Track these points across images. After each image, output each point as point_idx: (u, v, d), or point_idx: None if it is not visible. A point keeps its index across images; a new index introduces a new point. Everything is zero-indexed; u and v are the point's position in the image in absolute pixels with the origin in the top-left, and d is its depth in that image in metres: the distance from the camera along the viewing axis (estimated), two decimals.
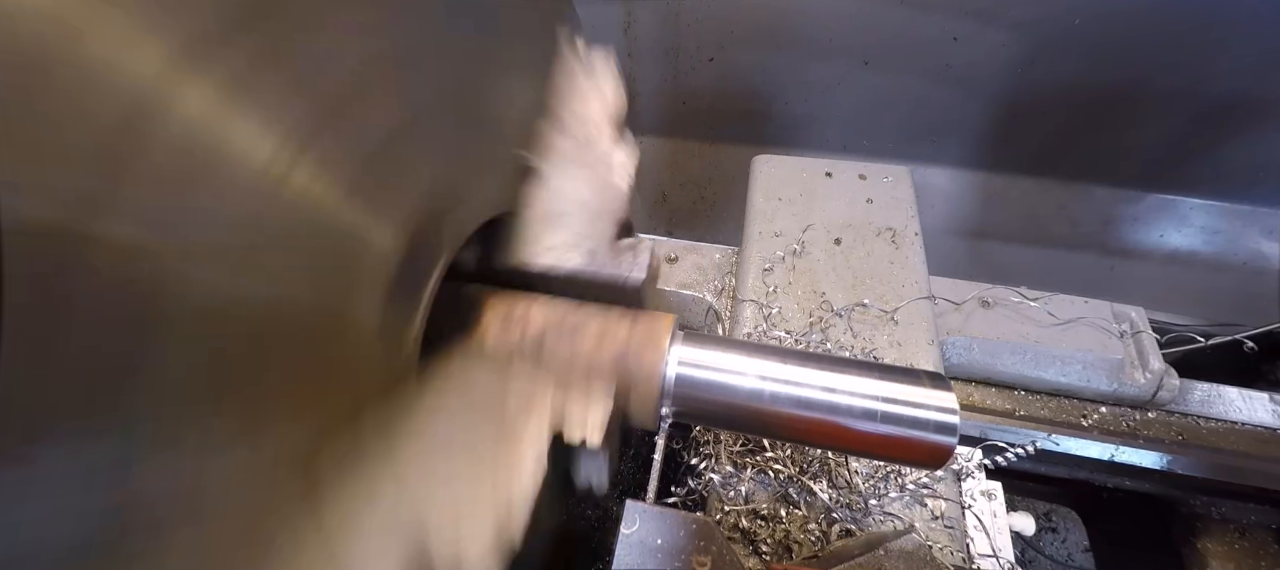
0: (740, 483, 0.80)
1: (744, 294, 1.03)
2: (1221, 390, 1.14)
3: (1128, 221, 1.97)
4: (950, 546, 0.76)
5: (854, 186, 1.20)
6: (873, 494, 0.79)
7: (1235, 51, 1.59)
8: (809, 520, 0.76)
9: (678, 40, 1.89)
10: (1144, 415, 1.09)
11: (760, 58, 1.88)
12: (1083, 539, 1.69)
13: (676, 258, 1.18)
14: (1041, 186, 1.99)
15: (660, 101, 2.05)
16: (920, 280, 1.03)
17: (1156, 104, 1.72)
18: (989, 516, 0.87)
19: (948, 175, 2.02)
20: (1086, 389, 1.08)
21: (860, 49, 1.80)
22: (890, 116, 1.93)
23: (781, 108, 1.98)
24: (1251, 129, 1.71)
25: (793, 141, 2.04)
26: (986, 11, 1.65)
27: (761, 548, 0.74)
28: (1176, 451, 1.06)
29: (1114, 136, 1.83)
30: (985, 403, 1.09)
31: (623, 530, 0.57)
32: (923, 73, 1.80)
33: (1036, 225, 2.03)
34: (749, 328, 0.98)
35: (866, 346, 0.94)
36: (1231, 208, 1.90)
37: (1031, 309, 1.09)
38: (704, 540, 0.56)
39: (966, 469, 0.91)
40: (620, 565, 0.55)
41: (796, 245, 1.09)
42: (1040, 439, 1.02)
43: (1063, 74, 1.71)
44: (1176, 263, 1.97)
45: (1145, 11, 1.57)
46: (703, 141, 2.14)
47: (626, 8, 1.86)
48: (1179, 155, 1.82)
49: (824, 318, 0.98)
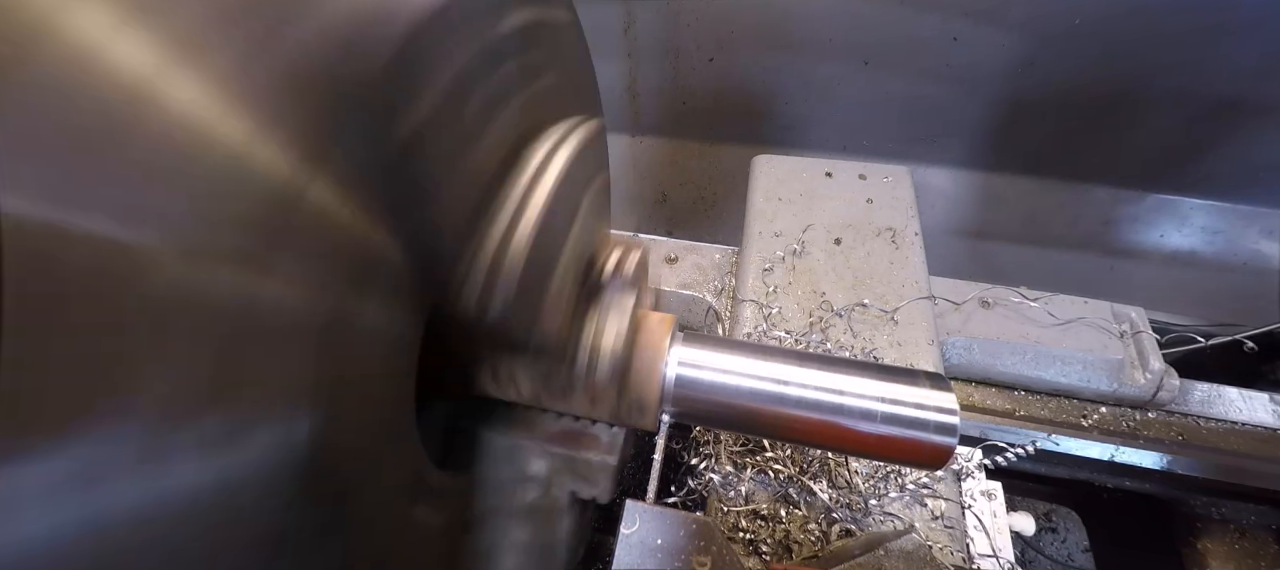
0: (740, 483, 0.80)
1: (744, 294, 1.03)
2: (1221, 390, 1.14)
3: (1128, 221, 1.97)
4: (950, 546, 0.76)
5: (854, 186, 1.20)
6: (873, 494, 0.79)
7: (1235, 52, 1.59)
8: (809, 520, 0.76)
9: (678, 40, 1.89)
10: (1144, 415, 1.09)
11: (760, 58, 1.88)
12: (1083, 539, 1.69)
13: (676, 258, 1.18)
14: (1041, 186, 1.99)
15: (660, 101, 2.05)
16: (920, 280, 1.03)
17: (1156, 104, 1.72)
18: (989, 516, 0.87)
19: (948, 175, 2.03)
20: (1086, 389, 1.08)
21: (860, 49, 1.80)
22: (890, 116, 1.93)
23: (781, 108, 1.98)
24: (1251, 129, 1.71)
25: (793, 141, 2.04)
26: (986, 11, 1.65)
27: (761, 548, 0.74)
28: (1176, 452, 1.06)
29: (1114, 136, 1.83)
30: (985, 403, 1.09)
31: (623, 530, 0.57)
32: (923, 73, 1.80)
33: (1036, 225, 2.03)
34: (749, 328, 0.98)
35: (866, 346, 0.94)
36: (1231, 208, 1.90)
37: (1031, 309, 1.09)
38: (704, 540, 0.56)
39: (966, 469, 0.91)
40: (620, 565, 0.55)
41: (796, 245, 1.09)
42: (1040, 439, 1.02)
43: (1063, 74, 1.71)
44: (1176, 263, 1.97)
45: (1145, 12, 1.57)
46: (703, 141, 2.14)
47: (626, 8, 1.86)
48: (1179, 155, 1.82)
49: (824, 318, 0.98)
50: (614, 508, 0.62)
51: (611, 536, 0.57)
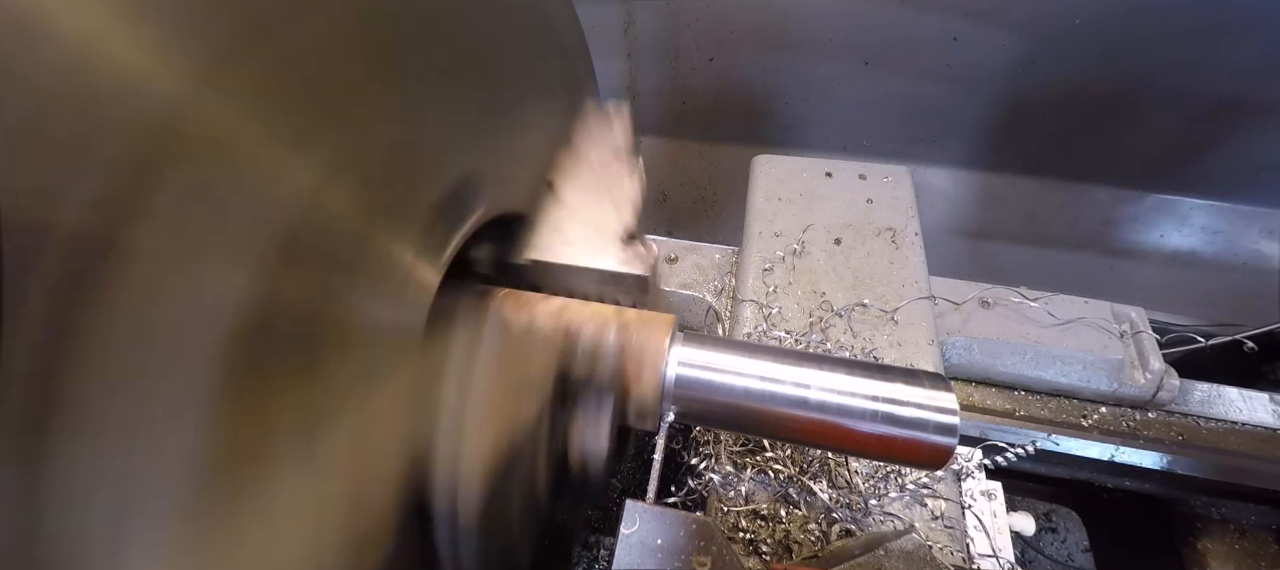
0: (740, 483, 0.80)
1: (744, 294, 1.03)
2: (1221, 390, 1.14)
3: (1128, 221, 1.97)
4: (950, 546, 0.76)
5: (854, 186, 1.20)
6: (873, 494, 0.79)
7: (1235, 52, 1.59)
8: (809, 520, 0.76)
9: (678, 40, 1.89)
10: (1144, 415, 1.09)
11: (760, 58, 1.88)
12: (1083, 539, 1.69)
13: (676, 258, 1.18)
14: (1041, 186, 1.99)
15: (660, 101, 2.05)
16: (920, 280, 1.03)
17: (1156, 104, 1.72)
18: (989, 516, 0.87)
19: (948, 175, 2.03)
20: (1086, 389, 1.08)
21: (860, 49, 1.80)
22: (890, 116, 1.93)
23: (781, 108, 1.98)
24: (1251, 129, 1.72)
25: (793, 141, 2.04)
26: (986, 11, 1.65)
27: (761, 548, 0.74)
28: (1176, 452, 1.06)
29: (1114, 136, 1.83)
30: (985, 403, 1.09)
31: (623, 530, 0.56)
32: (923, 73, 1.80)
33: (1036, 225, 2.03)
34: (749, 328, 0.98)
35: (866, 346, 0.94)
36: (1231, 208, 1.90)
37: (1031, 309, 1.09)
38: (704, 540, 0.56)
39: (966, 469, 0.91)
40: (620, 565, 0.55)
41: (796, 245, 1.09)
42: (1040, 439, 1.02)
43: (1063, 74, 1.71)
44: (1176, 263, 1.98)
45: (1145, 12, 1.57)
46: (703, 141, 2.14)
47: (626, 8, 1.86)
48: (1179, 155, 1.82)
49: (824, 318, 0.98)
50: (614, 507, 0.62)
51: (611, 536, 0.57)
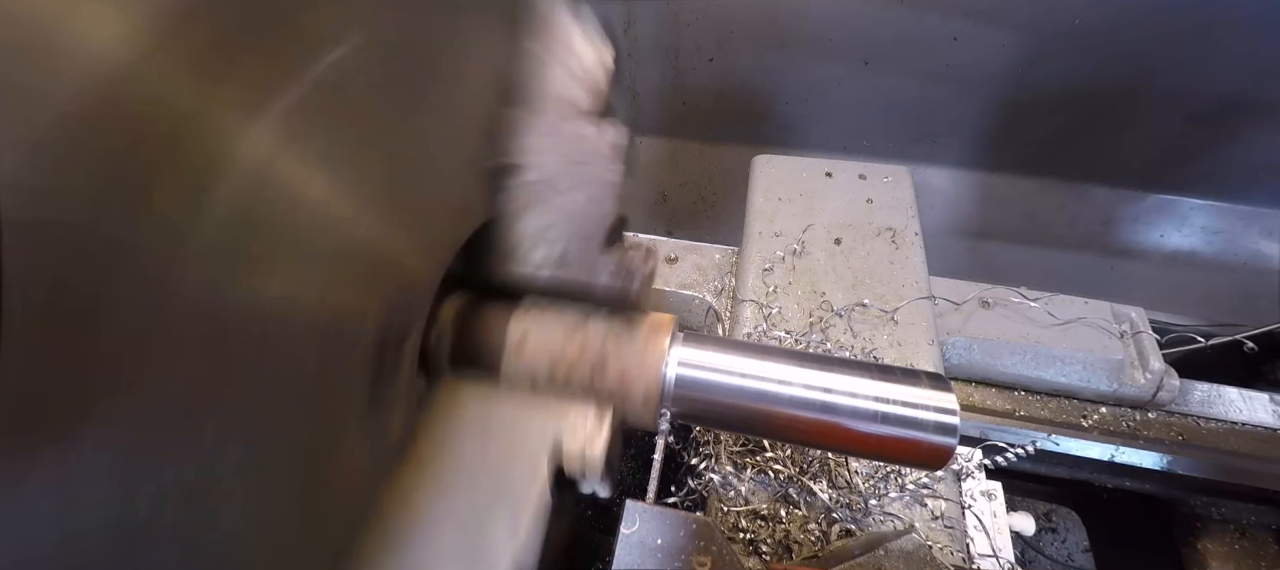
0: (740, 483, 0.80)
1: (744, 294, 1.03)
2: (1221, 390, 1.14)
3: (1128, 221, 1.97)
4: (950, 546, 0.76)
5: (854, 186, 1.20)
6: (873, 494, 0.79)
7: (1235, 52, 1.59)
8: (809, 520, 0.76)
9: (678, 40, 1.89)
10: (1144, 415, 1.09)
11: (760, 58, 1.88)
12: (1083, 539, 1.69)
13: (676, 258, 1.18)
14: (1041, 186, 1.99)
15: (660, 101, 2.05)
16: (920, 280, 1.03)
17: (1156, 104, 1.72)
18: (989, 516, 0.87)
19: (948, 175, 2.02)
20: (1086, 389, 1.08)
21: (860, 49, 1.80)
22: (890, 116, 1.93)
23: (781, 108, 1.98)
24: (1251, 129, 1.71)
25: (793, 141, 2.04)
26: (986, 11, 1.65)
27: (761, 548, 0.74)
28: (1176, 452, 1.06)
29: (1114, 136, 1.83)
30: (985, 403, 1.09)
31: (623, 530, 0.56)
32: (923, 73, 1.80)
33: (1036, 225, 2.03)
34: (749, 328, 0.98)
35: (866, 346, 0.94)
36: (1231, 208, 1.90)
37: (1031, 309, 1.09)
38: (704, 540, 0.56)
39: (966, 469, 0.91)
40: (620, 565, 0.55)
41: (796, 245, 1.09)
42: (1040, 439, 1.02)
43: (1063, 74, 1.71)
44: (1176, 263, 1.97)
45: (1145, 12, 1.57)
46: (703, 141, 2.14)
47: (626, 8, 1.86)
48: (1179, 155, 1.82)
49: (824, 318, 0.98)
50: (614, 507, 0.62)
51: (611, 536, 0.57)
